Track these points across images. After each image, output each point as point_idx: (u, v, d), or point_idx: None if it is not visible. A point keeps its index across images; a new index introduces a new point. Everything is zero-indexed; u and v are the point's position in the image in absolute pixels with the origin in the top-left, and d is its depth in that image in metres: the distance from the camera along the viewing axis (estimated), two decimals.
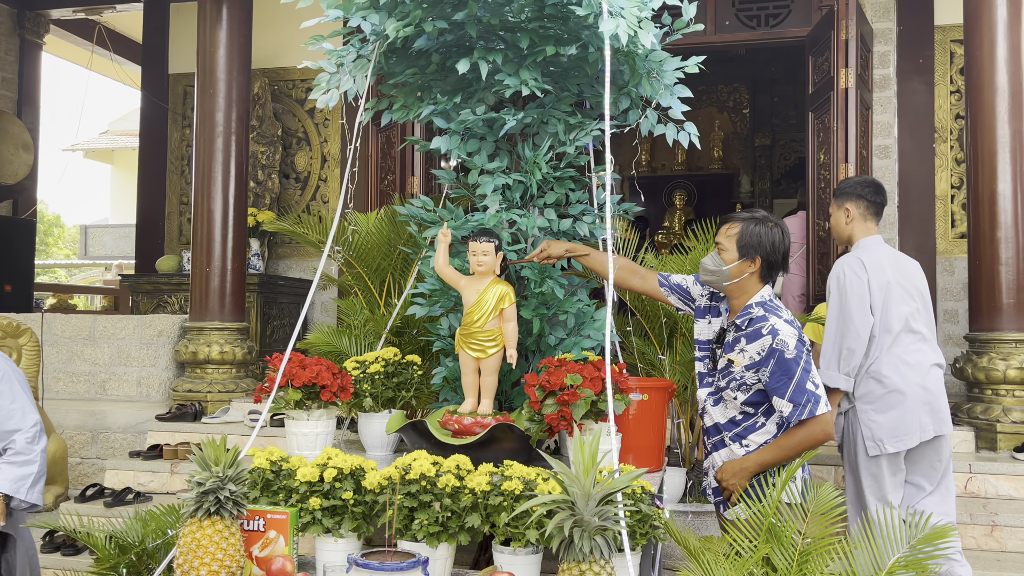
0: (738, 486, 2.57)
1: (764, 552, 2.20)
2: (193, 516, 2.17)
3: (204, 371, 5.35)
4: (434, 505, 2.32)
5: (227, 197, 5.39)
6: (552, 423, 2.52)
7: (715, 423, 2.67)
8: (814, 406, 2.46)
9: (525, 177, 3.07)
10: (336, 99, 3.02)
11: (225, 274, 5.35)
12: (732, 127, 11.25)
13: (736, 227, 2.59)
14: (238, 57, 5.47)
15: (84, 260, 22.01)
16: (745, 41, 6.96)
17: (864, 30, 6.15)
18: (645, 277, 2.85)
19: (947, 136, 6.63)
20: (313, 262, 7.76)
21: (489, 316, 2.78)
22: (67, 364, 5.83)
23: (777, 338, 2.48)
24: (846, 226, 3.36)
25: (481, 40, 3.00)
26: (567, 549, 1.97)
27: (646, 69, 2.93)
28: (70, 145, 21.36)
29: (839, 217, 3.39)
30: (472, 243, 2.81)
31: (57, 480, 4.71)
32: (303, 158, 7.87)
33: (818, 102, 6.32)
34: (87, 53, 9.11)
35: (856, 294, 3.15)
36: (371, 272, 3.67)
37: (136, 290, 7.10)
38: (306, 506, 2.38)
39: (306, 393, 2.71)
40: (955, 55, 6.65)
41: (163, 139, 8.27)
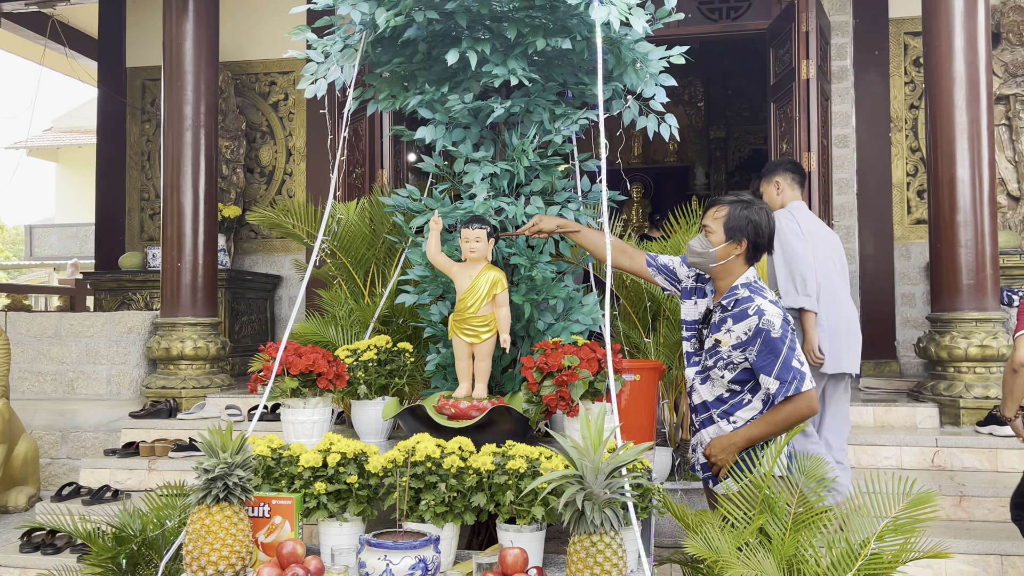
0: (727, 461, 2.65)
1: (760, 523, 2.29)
2: (201, 503, 2.17)
3: (177, 367, 5.29)
4: (440, 486, 2.36)
5: (197, 191, 5.33)
6: (551, 404, 2.58)
7: (703, 401, 2.74)
8: (799, 383, 2.55)
9: (512, 165, 3.11)
10: (323, 89, 3.03)
11: (197, 269, 5.29)
12: (687, 120, 11.41)
13: (723, 210, 2.66)
14: (206, 49, 5.40)
15: (30, 261, 21.39)
16: (707, 34, 7.08)
17: (823, 23, 6.32)
18: (633, 256, 2.90)
19: (902, 125, 6.85)
20: (279, 257, 7.70)
21: (482, 302, 2.82)
22: (33, 363, 5.70)
23: (763, 318, 2.56)
24: (777, 196, 3.95)
25: (467, 30, 3.03)
26: (578, 522, 2.02)
27: (631, 58, 3.00)
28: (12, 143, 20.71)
29: (770, 192, 3.98)
30: (464, 230, 2.85)
31: (29, 481, 4.62)
32: (267, 152, 7.79)
33: (780, 93, 6.48)
34: (40, 48, 8.87)
35: (792, 231, 3.74)
36: (355, 262, 3.68)
37: (99, 288, 6.96)
38: (311, 491, 2.40)
39: (302, 381, 2.72)
40: (909, 47, 6.87)
41: (122, 134, 8.11)
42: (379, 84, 3.25)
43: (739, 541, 2.22)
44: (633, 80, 3.04)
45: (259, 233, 7.75)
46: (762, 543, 2.29)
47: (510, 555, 2.09)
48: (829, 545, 2.25)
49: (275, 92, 7.80)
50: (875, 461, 4.25)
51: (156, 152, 8.05)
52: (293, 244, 7.70)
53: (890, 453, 4.24)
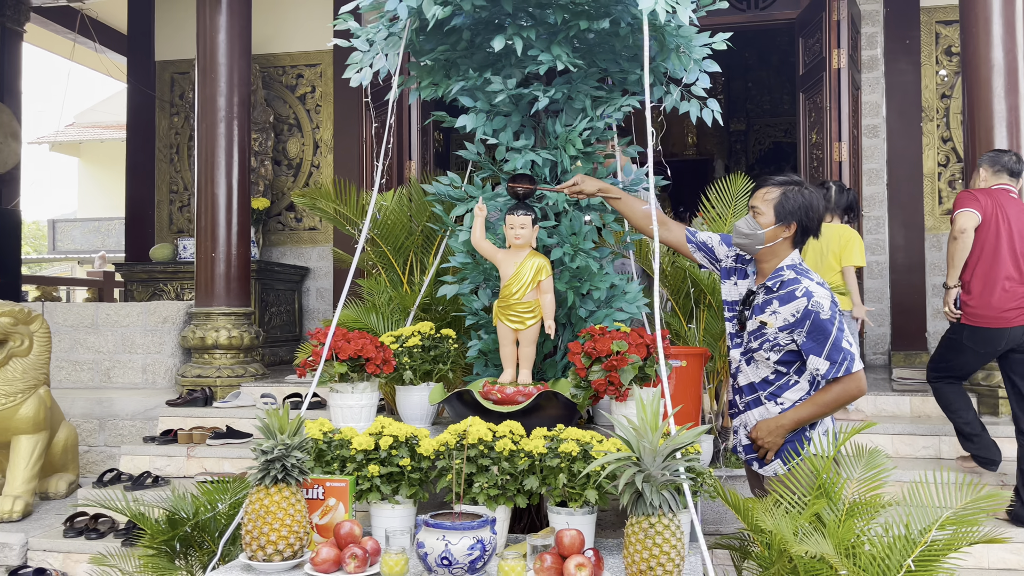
0: (775, 443, 2.65)
1: (817, 508, 2.28)
2: (260, 484, 2.20)
3: (212, 356, 5.34)
4: (492, 469, 2.38)
5: (231, 182, 5.37)
6: (599, 389, 2.59)
7: (750, 382, 2.73)
8: (850, 363, 2.54)
9: (554, 153, 3.12)
10: (368, 77, 3.04)
11: (231, 259, 5.34)
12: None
13: (774, 191, 2.63)
14: (239, 41, 5.44)
15: (54, 255, 21.62)
16: (735, 24, 7.04)
17: (854, 11, 6.27)
18: (671, 228, 2.87)
19: (933, 115, 6.79)
20: (307, 248, 7.74)
21: (527, 288, 2.83)
22: (69, 352, 5.78)
23: (812, 300, 2.55)
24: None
25: (509, 17, 3.04)
26: (635, 504, 2.03)
27: (674, 44, 2.99)
28: (36, 138, 20.91)
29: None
30: (509, 216, 2.86)
31: (68, 467, 4.69)
32: (295, 145, 7.84)
33: (809, 83, 6.44)
34: (68, 43, 8.95)
35: None
36: (394, 250, 3.70)
37: (130, 279, 7.04)
38: (363, 474, 2.43)
39: (351, 366, 2.75)
40: (940, 36, 6.80)
41: (151, 128, 8.18)
42: (420, 72, 3.26)
43: (795, 525, 2.22)
44: (676, 66, 3.04)
45: (287, 225, 7.80)
46: (816, 528, 2.29)
47: (567, 536, 2.10)
48: (886, 529, 2.25)
49: (302, 85, 7.84)
50: (913, 451, 4.23)
51: (184, 145, 8.12)
52: (320, 236, 7.75)
53: (928, 443, 4.22)
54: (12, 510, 4.14)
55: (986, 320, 3.85)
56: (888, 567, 2.21)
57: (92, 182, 21.36)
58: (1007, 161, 4.04)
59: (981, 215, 3.89)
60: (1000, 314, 3.83)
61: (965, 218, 3.89)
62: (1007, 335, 3.82)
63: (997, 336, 3.84)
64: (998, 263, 3.85)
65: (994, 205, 3.92)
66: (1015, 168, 4.03)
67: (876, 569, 2.21)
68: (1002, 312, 3.82)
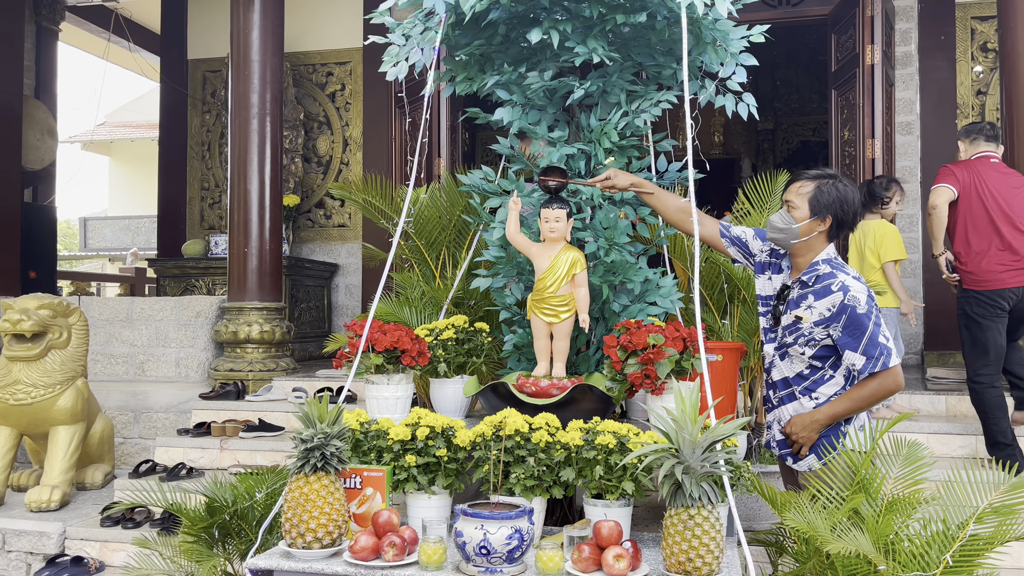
0: (810, 439, 2.63)
1: (855, 503, 2.26)
2: (299, 472, 2.22)
3: (244, 351, 5.40)
4: (528, 460, 2.38)
5: (263, 177, 5.42)
6: (635, 382, 2.58)
7: (784, 377, 2.71)
8: (887, 358, 2.52)
9: (589, 147, 3.12)
10: (404, 71, 3.06)
11: (263, 254, 5.39)
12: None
13: (809, 185, 2.62)
14: (271, 38, 5.49)
15: (85, 252, 21.96)
16: (767, 20, 7.00)
17: (888, 7, 6.20)
18: (705, 223, 2.85)
19: (969, 112, 6.69)
20: (336, 245, 7.80)
21: (562, 281, 2.83)
22: (105, 346, 5.87)
23: (849, 294, 2.52)
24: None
25: (545, 11, 3.04)
26: (674, 496, 2.03)
27: (711, 37, 2.98)
28: (68, 137, 21.23)
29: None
30: (544, 210, 2.87)
31: (104, 459, 4.76)
32: (325, 142, 7.90)
33: (842, 79, 6.38)
34: (103, 43, 9.09)
35: None
36: (427, 245, 3.72)
37: (163, 274, 7.14)
38: (401, 463, 2.44)
39: (387, 358, 2.77)
40: (976, 32, 6.70)
41: (183, 126, 8.29)
42: (455, 67, 3.27)
43: (833, 520, 2.20)
44: (712, 59, 3.02)
45: (316, 222, 7.87)
46: (854, 523, 2.27)
47: (605, 527, 2.10)
48: (924, 525, 2.22)
49: (332, 83, 7.90)
50: (948, 450, 4.17)
51: (216, 142, 8.21)
52: (349, 233, 7.81)
53: (964, 442, 4.17)
54: (50, 499, 4.21)
55: (984, 283, 4.06)
56: (927, 563, 2.19)
57: (122, 180, 21.68)
58: (982, 127, 4.26)
59: (957, 189, 4.11)
60: (995, 276, 4.04)
61: (937, 194, 4.15)
62: (1006, 295, 4.03)
63: (999, 295, 4.04)
64: (986, 230, 4.07)
65: (971, 176, 4.12)
66: (991, 133, 4.22)
67: (915, 565, 2.19)
68: (997, 275, 4.04)
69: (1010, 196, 4.06)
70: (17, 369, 4.25)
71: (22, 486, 4.65)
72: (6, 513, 4.22)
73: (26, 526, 4.07)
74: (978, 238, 4.06)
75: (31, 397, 4.23)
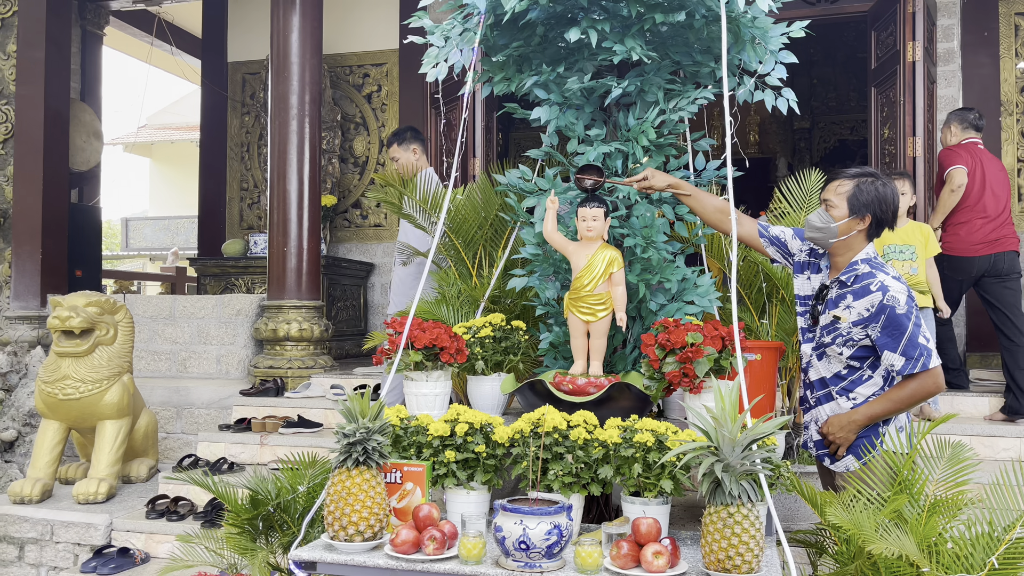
0: (848, 439, 2.61)
1: (898, 504, 2.24)
2: (342, 466, 2.26)
3: (283, 348, 5.48)
4: (567, 457, 2.40)
5: (302, 178, 5.50)
6: (674, 380, 2.59)
7: (821, 377, 2.70)
8: (927, 359, 2.49)
9: (626, 146, 3.13)
10: (444, 72, 3.09)
11: (302, 253, 5.47)
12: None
13: (847, 184, 2.60)
14: (311, 40, 5.57)
15: (127, 252, 22.42)
16: (806, 16, 6.91)
17: (929, 3, 6.10)
18: (743, 223, 2.84)
19: (1013, 109, 6.57)
20: (372, 245, 7.88)
21: (599, 280, 2.84)
22: (148, 343, 6.00)
23: (888, 294, 2.50)
24: (417, 161, 4.71)
25: (581, 11, 3.05)
26: (714, 494, 2.03)
27: (750, 35, 2.97)
28: (111, 139, 21.69)
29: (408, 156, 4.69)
30: (581, 209, 2.88)
31: (149, 453, 4.87)
32: (361, 143, 7.98)
33: (882, 77, 6.28)
34: (145, 47, 9.28)
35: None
36: (464, 244, 3.75)
37: (204, 273, 7.27)
38: (440, 459, 2.47)
39: (426, 355, 2.80)
40: (1020, 28, 6.57)
41: (223, 128, 8.43)
42: (492, 68, 3.30)
43: (875, 520, 2.19)
44: (751, 57, 3.02)
45: (353, 222, 7.95)
46: (897, 524, 2.25)
47: (644, 524, 2.11)
48: (969, 526, 2.20)
49: (368, 84, 7.98)
50: (993, 453, 4.10)
51: (255, 144, 8.34)
52: (385, 233, 7.88)
53: (1009, 444, 4.09)
54: (97, 492, 4.32)
55: (958, 251, 4.67)
56: (971, 566, 2.17)
57: (163, 182, 22.10)
58: (972, 118, 4.93)
59: (968, 169, 4.71)
60: (970, 247, 4.64)
61: (961, 174, 4.70)
62: (976, 264, 4.63)
63: (968, 264, 4.65)
64: (978, 205, 4.68)
65: (973, 159, 4.75)
66: (979, 124, 4.93)
67: (959, 567, 2.16)
68: (972, 245, 4.64)
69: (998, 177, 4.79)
70: (66, 365, 4.36)
71: (70, 479, 4.78)
72: (55, 505, 4.35)
73: (74, 518, 4.19)
74: (971, 211, 4.69)
75: (79, 392, 4.34)
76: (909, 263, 4.40)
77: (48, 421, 4.46)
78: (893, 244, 4.38)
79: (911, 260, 4.41)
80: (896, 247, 4.39)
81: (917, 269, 4.37)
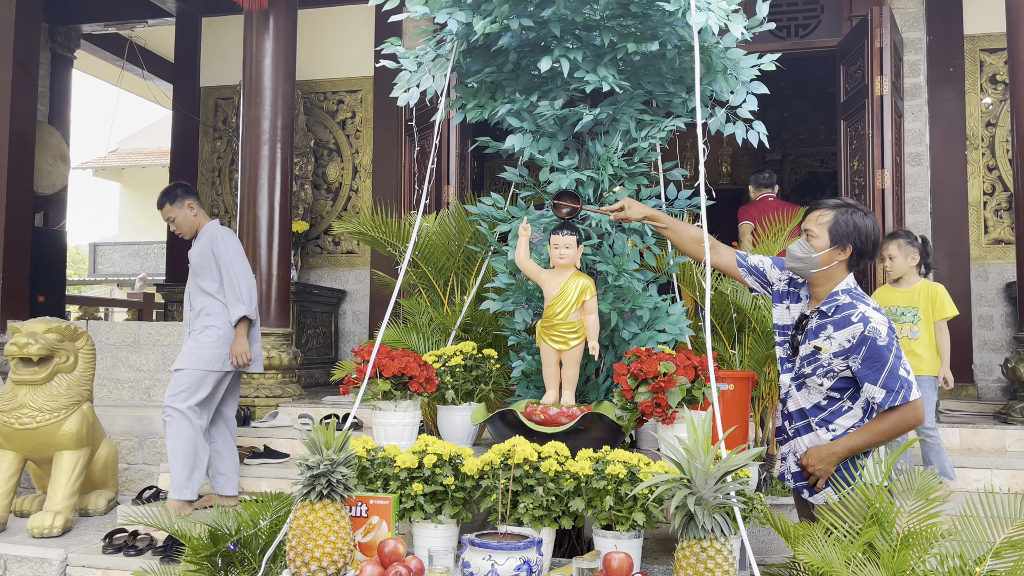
0: (827, 471, 2.58)
1: (869, 536, 2.21)
2: (305, 499, 2.19)
3: (251, 376, 5.37)
4: (537, 489, 2.35)
5: (272, 203, 5.44)
6: (646, 411, 2.55)
7: (800, 408, 2.67)
8: (907, 392, 2.47)
9: (597, 173, 3.11)
10: (416, 97, 3.07)
11: (271, 280, 5.39)
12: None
13: (828, 215, 2.59)
14: (283, 66, 5.54)
15: (94, 277, 22.08)
16: (777, 50, 7.02)
17: (896, 39, 6.23)
18: (721, 252, 2.80)
19: (979, 143, 6.69)
20: (344, 272, 7.80)
21: (571, 308, 2.81)
22: (111, 371, 5.85)
23: (869, 325, 2.49)
24: (194, 218, 4.38)
25: (554, 39, 3.05)
26: (687, 527, 1.99)
27: (722, 66, 2.99)
28: (80, 164, 21.45)
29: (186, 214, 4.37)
30: (554, 236, 2.85)
31: (108, 484, 4.72)
32: (334, 169, 7.93)
33: (851, 110, 6.39)
34: (116, 70, 9.20)
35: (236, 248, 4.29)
36: (435, 272, 3.71)
37: (171, 299, 7.15)
38: (407, 492, 2.41)
39: (394, 384, 2.74)
40: (985, 64, 6.72)
41: (194, 152, 8.34)
42: (466, 95, 3.29)
43: (847, 554, 2.15)
44: (723, 88, 3.03)
45: (325, 249, 7.88)
46: (869, 558, 2.22)
47: (615, 559, 2.06)
48: (941, 560, 2.17)
49: (343, 110, 7.96)
50: (964, 484, 4.10)
51: (226, 169, 8.26)
52: (357, 260, 7.81)
53: (980, 476, 4.10)
54: (52, 525, 4.17)
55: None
56: None
57: (133, 207, 21.84)
58: (764, 179, 6.31)
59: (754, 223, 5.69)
60: None
61: (746, 228, 5.92)
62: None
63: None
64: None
65: (761, 212, 5.75)
66: (768, 182, 6.29)
67: None
68: None
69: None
70: (23, 393, 4.23)
71: (25, 512, 4.61)
72: (8, 539, 4.18)
73: (28, 552, 4.02)
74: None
75: (36, 421, 4.20)
76: (909, 326, 4.10)
77: (3, 451, 4.31)
78: (895, 306, 4.12)
79: (912, 323, 4.10)
80: (898, 309, 4.11)
81: (917, 333, 4.07)
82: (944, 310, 4.09)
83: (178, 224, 4.37)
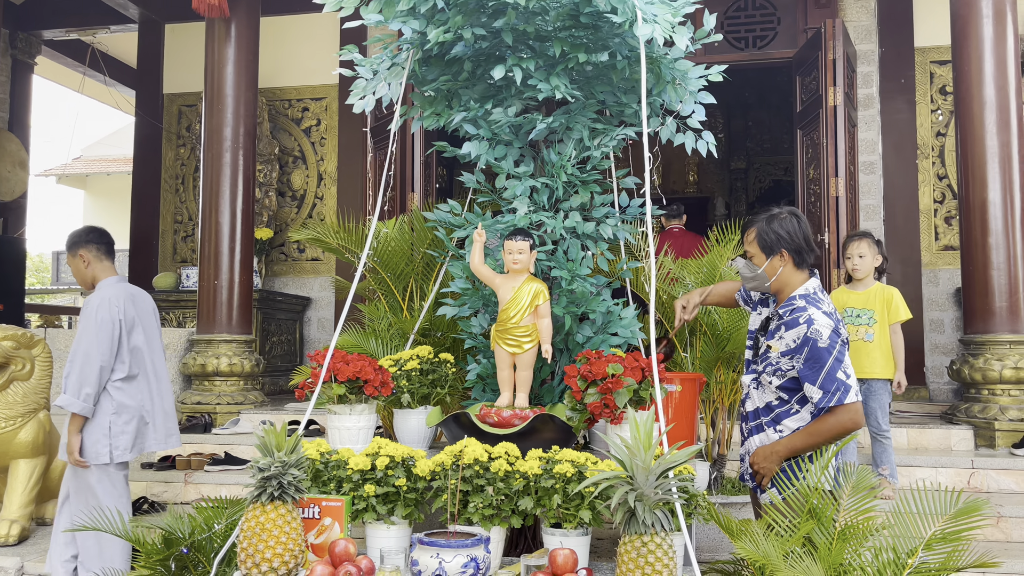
0: (771, 470, 2.67)
1: (807, 530, 2.29)
2: (256, 501, 2.21)
3: (212, 383, 5.36)
4: (487, 489, 2.39)
5: (235, 211, 5.44)
6: (595, 411, 2.61)
7: (755, 408, 2.77)
8: (843, 394, 2.56)
9: (552, 181, 3.18)
10: (371, 104, 3.12)
11: (233, 287, 5.38)
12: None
13: (753, 232, 2.75)
14: (245, 74, 5.55)
15: (57, 286, 21.75)
16: (733, 62, 7.18)
17: (849, 51, 6.40)
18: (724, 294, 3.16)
19: (929, 152, 6.88)
20: (309, 279, 7.80)
21: (525, 312, 2.87)
22: None
23: (812, 327, 2.58)
24: (87, 270, 3.67)
25: (511, 49, 3.12)
26: (628, 523, 2.05)
27: (671, 76, 3.07)
28: (43, 171, 21.13)
29: (78, 265, 3.67)
30: (508, 242, 2.91)
31: None
32: (299, 176, 7.93)
33: (806, 120, 6.54)
34: (78, 76, 9.11)
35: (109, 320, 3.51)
36: (394, 277, 3.75)
37: None
38: (360, 493, 2.44)
39: (349, 388, 2.78)
40: (935, 75, 6.92)
41: (157, 159, 8.30)
42: (422, 103, 3.34)
43: (785, 549, 2.23)
44: (672, 98, 3.11)
45: (289, 256, 7.87)
46: (808, 552, 2.30)
47: (560, 555, 2.11)
48: (876, 553, 2.26)
49: (308, 118, 7.97)
50: (910, 483, 4.23)
51: (190, 176, 8.22)
52: (322, 266, 7.81)
53: (925, 474, 4.22)
54: (8, 534, 4.13)
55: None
56: None
57: (97, 215, 21.50)
58: (672, 211, 7.01)
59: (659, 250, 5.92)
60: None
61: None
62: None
63: None
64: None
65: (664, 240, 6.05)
66: (676, 213, 7.04)
67: None
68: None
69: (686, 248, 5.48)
70: None
71: None
72: None
73: None
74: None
75: None
76: (865, 328, 4.11)
77: None
78: (850, 307, 4.14)
79: (867, 326, 4.11)
80: (853, 311, 4.13)
81: (873, 335, 4.08)
82: (899, 314, 4.13)
83: (73, 275, 3.77)
